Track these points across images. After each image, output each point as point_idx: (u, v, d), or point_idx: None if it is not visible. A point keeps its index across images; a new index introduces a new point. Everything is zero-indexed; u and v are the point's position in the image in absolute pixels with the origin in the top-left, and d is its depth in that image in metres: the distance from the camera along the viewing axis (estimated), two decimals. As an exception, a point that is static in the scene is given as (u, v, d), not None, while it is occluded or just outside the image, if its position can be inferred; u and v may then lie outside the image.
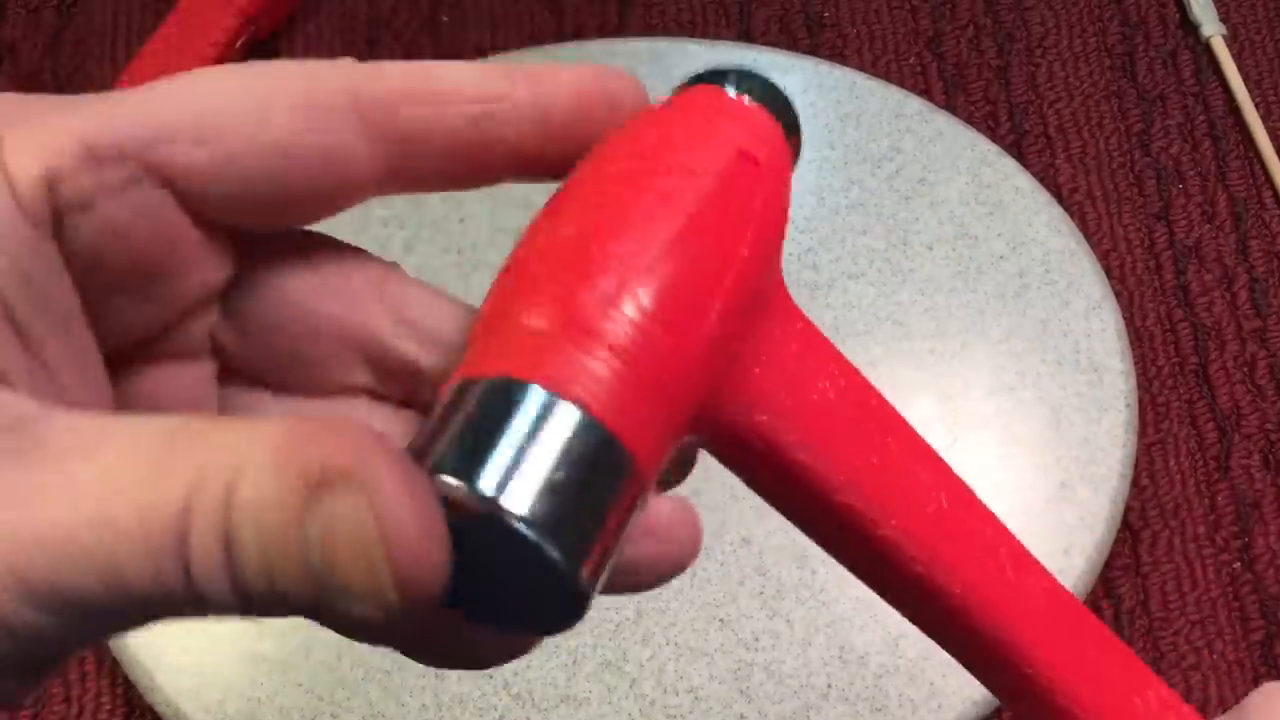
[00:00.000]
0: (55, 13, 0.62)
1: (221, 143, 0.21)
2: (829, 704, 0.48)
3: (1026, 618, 0.26)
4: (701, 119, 0.24)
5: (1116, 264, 0.57)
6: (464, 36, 0.62)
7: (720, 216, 0.23)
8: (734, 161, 0.23)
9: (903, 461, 0.26)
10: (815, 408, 0.25)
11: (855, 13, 0.61)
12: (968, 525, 0.26)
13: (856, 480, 0.25)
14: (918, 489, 0.26)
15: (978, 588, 0.26)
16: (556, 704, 0.48)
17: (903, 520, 0.25)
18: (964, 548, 0.26)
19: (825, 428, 0.25)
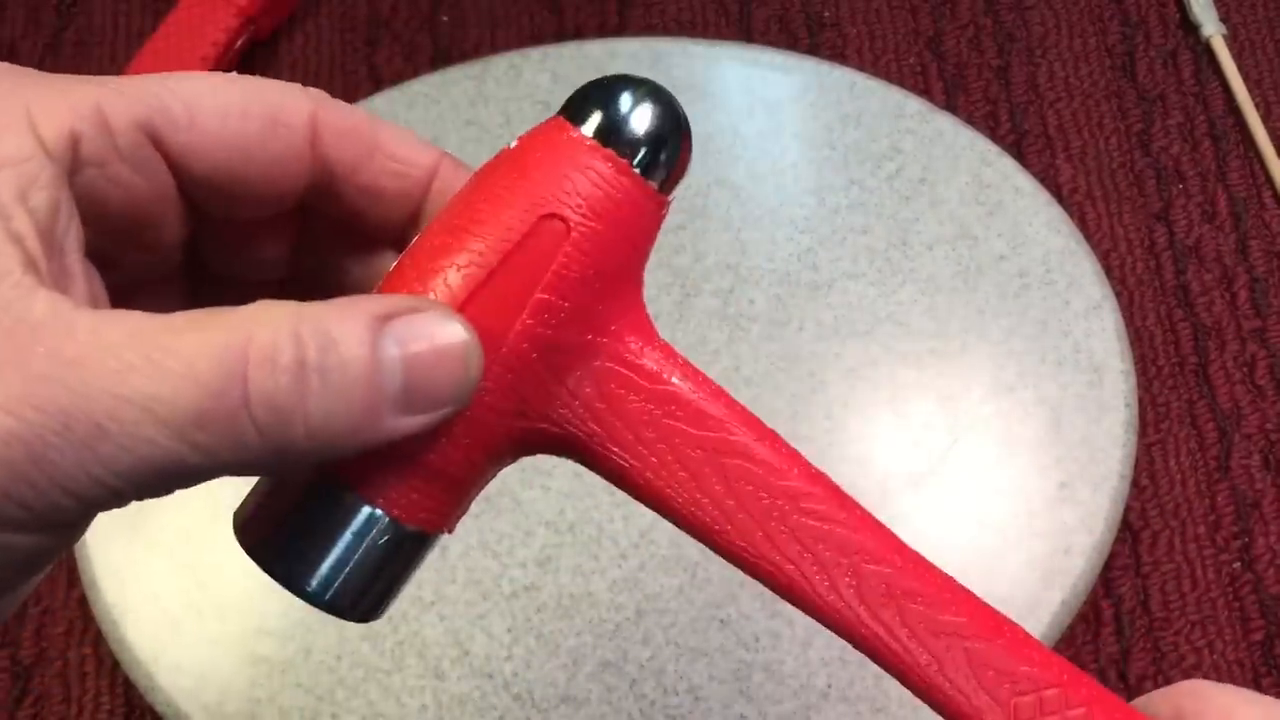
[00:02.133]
0: (55, 12, 0.62)
1: (204, 132, 0.25)
2: (829, 704, 0.48)
3: (865, 614, 0.28)
4: (520, 174, 0.26)
5: (1116, 264, 0.56)
6: (464, 36, 0.62)
7: (503, 289, 0.25)
8: (534, 227, 0.25)
9: (741, 473, 0.27)
10: (641, 423, 0.27)
11: (855, 13, 0.61)
12: (814, 530, 0.28)
13: (690, 496, 0.27)
14: (752, 499, 0.27)
15: (807, 582, 0.28)
16: (557, 704, 0.48)
17: (736, 529, 0.28)
18: (804, 550, 0.28)
19: (651, 445, 0.27)
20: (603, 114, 0.26)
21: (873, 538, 0.28)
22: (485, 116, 0.58)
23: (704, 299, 0.54)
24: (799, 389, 0.52)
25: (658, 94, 0.26)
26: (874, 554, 0.28)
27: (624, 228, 0.25)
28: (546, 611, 0.49)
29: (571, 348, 0.25)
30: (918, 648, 0.27)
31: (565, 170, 0.25)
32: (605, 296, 0.26)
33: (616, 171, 0.25)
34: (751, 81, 0.58)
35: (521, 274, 0.25)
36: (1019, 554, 0.49)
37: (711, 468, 0.26)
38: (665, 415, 0.26)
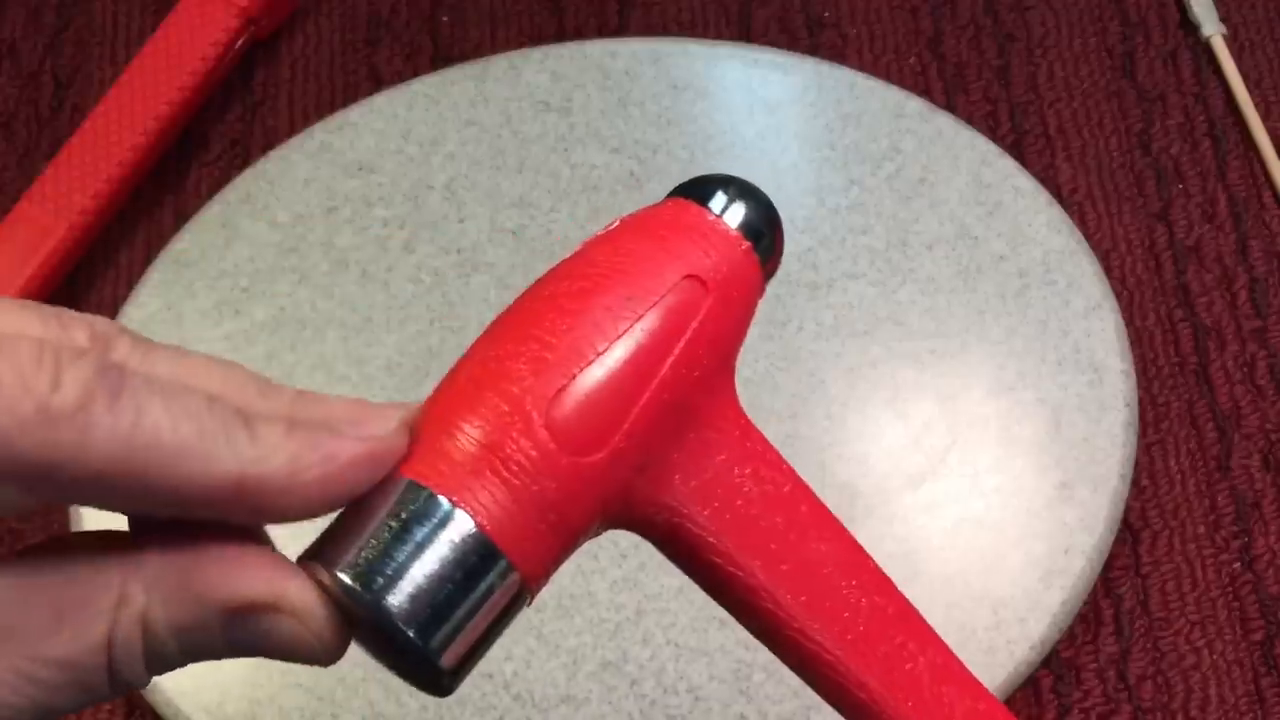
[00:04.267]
0: (55, 12, 0.62)
1: None
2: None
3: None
4: (659, 238, 0.26)
5: (1116, 264, 0.57)
6: (464, 36, 0.62)
7: (647, 341, 0.25)
8: (678, 285, 0.26)
9: (822, 567, 0.27)
10: (736, 513, 0.27)
11: (855, 13, 0.61)
12: (886, 633, 0.28)
13: (771, 582, 0.27)
14: (835, 594, 0.28)
15: (887, 690, 0.28)
16: (557, 704, 0.48)
17: (818, 622, 0.27)
18: (877, 654, 0.28)
19: (743, 533, 0.27)
20: (726, 199, 0.27)
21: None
22: (485, 116, 0.58)
23: (704, 299, 0.54)
24: (798, 389, 0.52)
25: (757, 191, 0.28)
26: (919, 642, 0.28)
27: (746, 304, 0.27)
28: (546, 611, 0.49)
29: (692, 413, 0.26)
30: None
31: (704, 239, 0.26)
32: (720, 371, 0.27)
33: (745, 250, 0.27)
34: (751, 81, 0.58)
35: (667, 324, 0.25)
36: (1019, 554, 0.49)
37: (798, 553, 0.27)
38: (763, 495, 0.27)
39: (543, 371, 0.25)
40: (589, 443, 0.25)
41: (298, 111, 0.60)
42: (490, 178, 0.56)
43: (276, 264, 0.55)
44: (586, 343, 0.25)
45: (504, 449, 0.24)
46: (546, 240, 0.55)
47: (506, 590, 0.25)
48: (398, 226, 0.56)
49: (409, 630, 0.24)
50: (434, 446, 0.25)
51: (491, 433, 0.24)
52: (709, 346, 0.26)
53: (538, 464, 0.24)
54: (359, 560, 0.24)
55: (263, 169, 0.57)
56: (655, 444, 0.26)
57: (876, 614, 0.28)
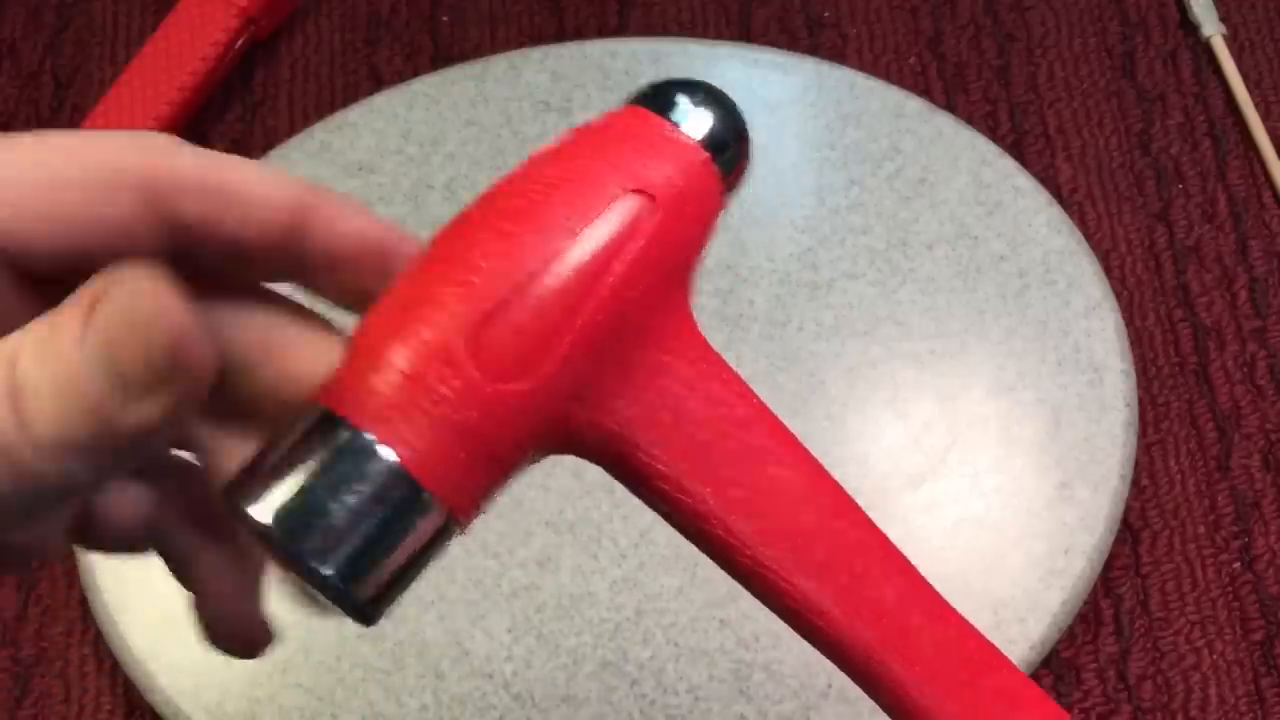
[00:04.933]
0: (55, 12, 0.63)
1: (20, 215, 0.23)
2: (828, 704, 0.48)
3: (903, 648, 0.26)
4: (605, 152, 0.25)
5: (1116, 264, 0.57)
6: (464, 36, 0.62)
7: (582, 264, 0.24)
8: (621, 201, 0.24)
9: (779, 493, 0.27)
10: (685, 438, 0.26)
11: (855, 13, 0.61)
12: (847, 560, 0.27)
13: (722, 509, 0.26)
14: (791, 520, 0.27)
15: (849, 618, 0.27)
16: (557, 704, 0.48)
17: (772, 549, 0.26)
18: (838, 582, 0.27)
19: (693, 459, 0.26)
20: (687, 107, 0.26)
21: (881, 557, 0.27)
22: (485, 116, 0.58)
23: (704, 299, 0.54)
24: (799, 389, 0.52)
25: (724, 98, 0.27)
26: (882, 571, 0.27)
27: (703, 220, 0.26)
28: (546, 611, 0.49)
29: (637, 334, 0.25)
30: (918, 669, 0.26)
31: (656, 151, 0.25)
32: (672, 289, 0.26)
33: (703, 162, 0.26)
34: (751, 82, 0.58)
35: (606, 245, 0.24)
36: (1019, 554, 0.49)
37: (751, 478, 0.26)
38: (716, 419, 0.26)
39: (469, 298, 0.24)
40: (516, 370, 0.24)
41: (298, 111, 0.60)
42: (490, 178, 0.56)
43: (276, 264, 0.55)
44: (517, 267, 0.24)
45: (426, 379, 0.23)
46: (546, 240, 0.55)
47: (429, 524, 0.24)
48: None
49: (321, 566, 0.23)
50: (357, 376, 0.24)
51: (415, 362, 0.23)
52: (656, 266, 0.25)
53: (461, 394, 0.23)
54: (275, 497, 0.23)
55: (263, 169, 0.57)
56: (593, 369, 0.25)
57: (838, 540, 0.27)
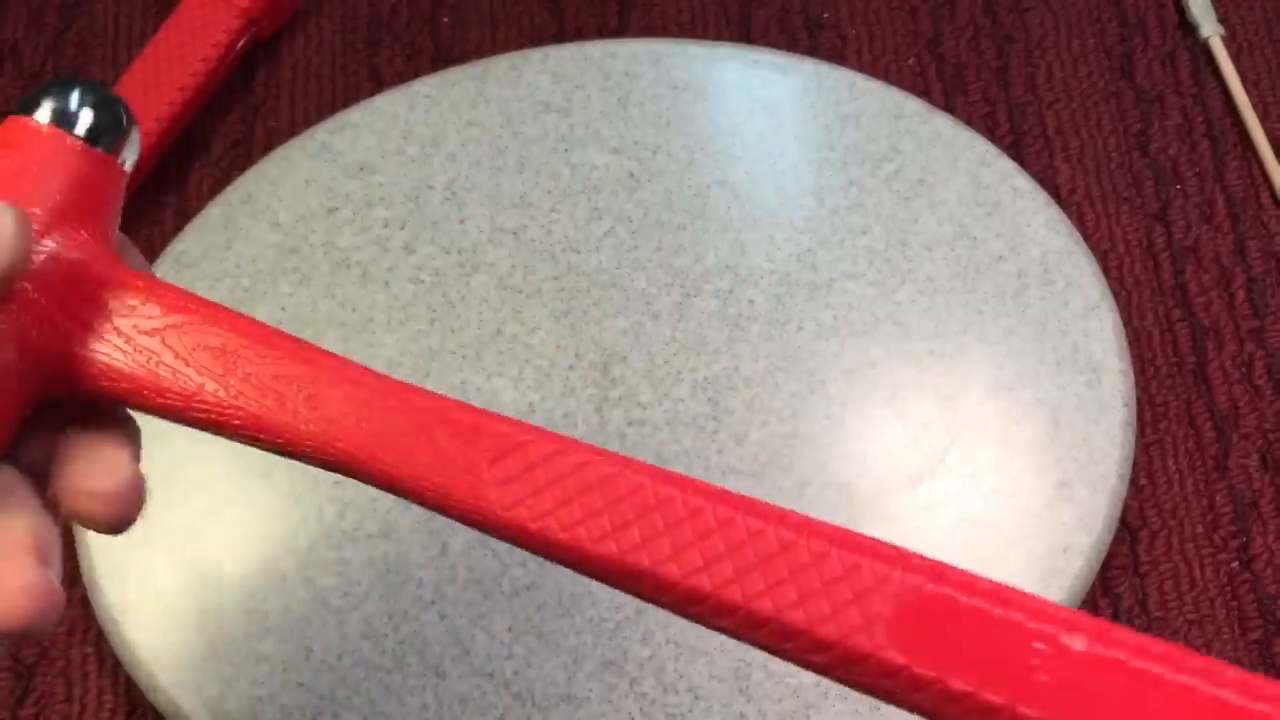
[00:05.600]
0: (57, 14, 0.63)
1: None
2: (828, 703, 0.48)
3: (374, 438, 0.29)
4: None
5: (1115, 264, 0.57)
6: (465, 37, 0.62)
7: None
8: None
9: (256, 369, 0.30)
10: (154, 359, 0.30)
11: (855, 14, 0.62)
12: (350, 411, 0.30)
13: (229, 398, 0.30)
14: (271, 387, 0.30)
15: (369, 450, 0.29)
16: (557, 703, 0.48)
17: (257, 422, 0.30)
18: (343, 427, 0.30)
19: (157, 370, 0.30)
20: (37, 100, 0.31)
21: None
22: (486, 117, 0.58)
23: (704, 299, 0.54)
24: (798, 389, 0.52)
25: (74, 83, 0.32)
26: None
27: (54, 177, 0.30)
28: (547, 610, 0.49)
29: (25, 277, 0.29)
30: None
31: (3, 142, 0.31)
32: (52, 231, 0.30)
33: (44, 131, 0.31)
34: (751, 82, 0.58)
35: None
36: (1017, 554, 0.49)
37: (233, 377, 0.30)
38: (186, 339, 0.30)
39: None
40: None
41: (299, 112, 0.60)
42: (491, 178, 0.57)
43: (278, 264, 0.55)
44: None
45: None
46: (547, 240, 0.55)
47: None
48: (398, 227, 0.56)
49: None
50: None
51: None
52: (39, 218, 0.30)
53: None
54: None
55: (264, 170, 0.57)
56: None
57: (318, 398, 0.30)
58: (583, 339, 0.53)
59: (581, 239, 0.55)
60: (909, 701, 0.25)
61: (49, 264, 0.29)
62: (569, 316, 0.54)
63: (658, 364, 0.53)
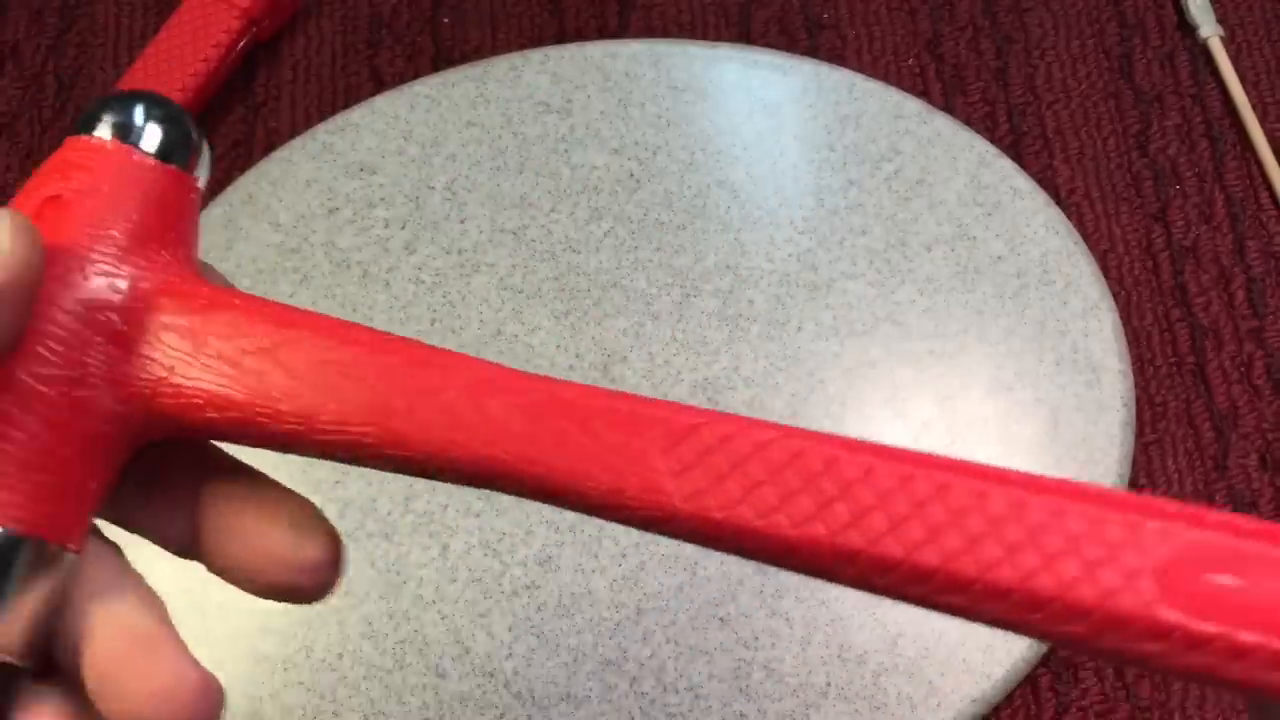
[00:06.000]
0: (58, 14, 0.63)
1: None
2: (828, 702, 0.48)
3: (500, 439, 0.26)
4: (31, 183, 0.27)
5: (1114, 264, 0.57)
6: (465, 37, 0.62)
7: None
8: (40, 207, 0.26)
9: (332, 373, 0.27)
10: (227, 371, 0.27)
11: (854, 14, 0.62)
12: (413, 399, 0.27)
13: (294, 411, 0.26)
14: (333, 399, 0.27)
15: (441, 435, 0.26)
16: (557, 702, 0.48)
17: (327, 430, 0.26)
18: (410, 417, 0.26)
19: (242, 381, 0.27)
20: (95, 119, 0.28)
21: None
22: (486, 117, 0.58)
23: (704, 299, 0.54)
24: (798, 389, 0.52)
25: (129, 96, 0.29)
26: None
27: (125, 191, 0.27)
28: (547, 610, 0.49)
29: (109, 305, 0.26)
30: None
31: (66, 162, 0.28)
32: (132, 255, 0.27)
33: (114, 149, 0.28)
34: (751, 83, 0.58)
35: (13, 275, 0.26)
36: (1017, 553, 0.49)
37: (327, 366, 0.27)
38: (236, 344, 0.27)
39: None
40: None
41: (299, 113, 0.61)
42: (491, 178, 0.57)
43: (278, 264, 0.55)
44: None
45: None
46: (547, 241, 0.55)
47: (17, 562, 0.25)
48: (399, 227, 0.56)
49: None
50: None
51: None
52: (86, 246, 0.26)
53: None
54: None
55: (265, 170, 0.57)
56: (78, 350, 0.26)
57: (381, 386, 0.26)
58: (583, 339, 0.54)
59: (581, 239, 0.55)
60: (1182, 664, 0.23)
61: (134, 292, 0.26)
62: (569, 316, 0.54)
63: (658, 364, 0.53)
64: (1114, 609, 0.23)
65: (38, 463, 0.25)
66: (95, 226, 0.26)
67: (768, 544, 0.24)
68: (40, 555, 0.25)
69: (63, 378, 0.25)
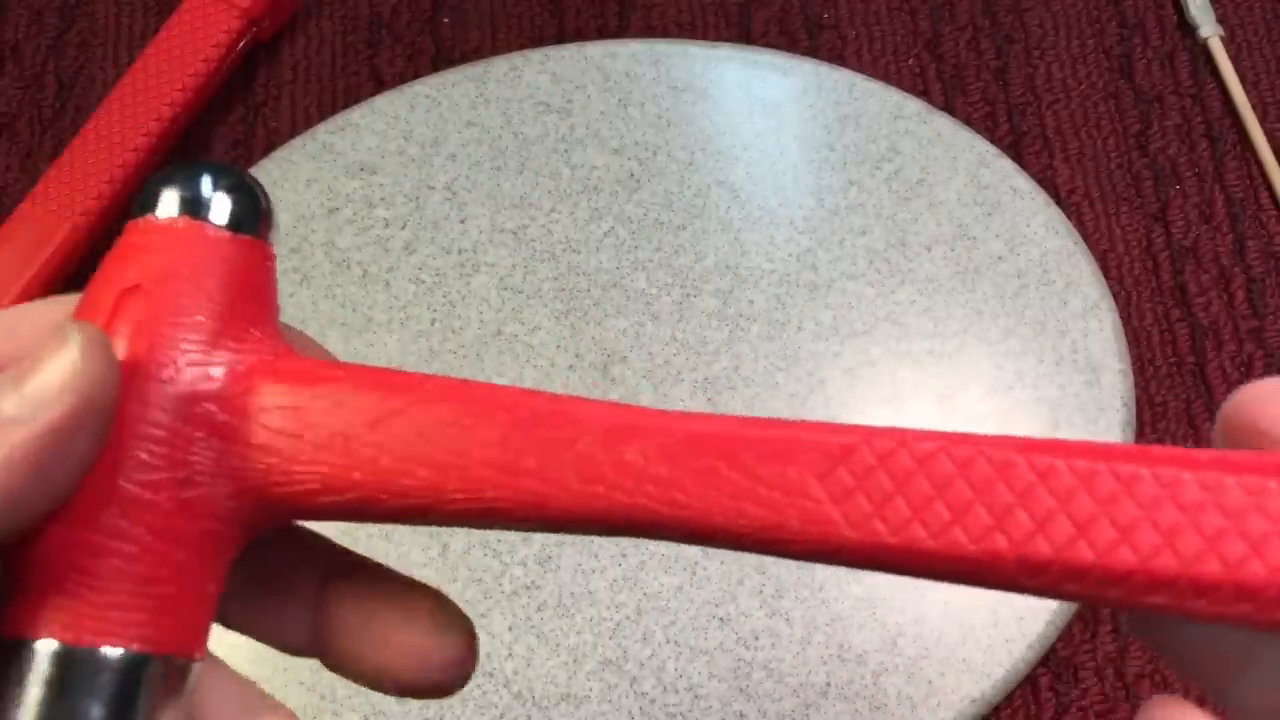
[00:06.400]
0: (58, 14, 0.63)
1: None
2: (828, 702, 0.48)
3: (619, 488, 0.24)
4: (101, 275, 0.26)
5: (1114, 264, 0.57)
6: (465, 38, 0.62)
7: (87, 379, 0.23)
8: (118, 300, 0.25)
9: (442, 433, 0.25)
10: (338, 447, 0.25)
11: (854, 14, 0.62)
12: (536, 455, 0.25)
13: (409, 488, 0.25)
14: (459, 456, 0.25)
15: (546, 492, 0.24)
16: (557, 702, 0.48)
17: (465, 492, 0.25)
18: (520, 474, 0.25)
19: (350, 462, 0.25)
20: (155, 198, 0.26)
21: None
22: (486, 117, 0.58)
23: (704, 299, 0.54)
24: (798, 389, 0.52)
25: (185, 168, 0.27)
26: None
27: (203, 272, 0.26)
28: (547, 610, 0.49)
29: (206, 396, 0.24)
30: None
31: (134, 248, 0.26)
32: (222, 338, 0.25)
33: (183, 227, 0.26)
34: (751, 83, 0.58)
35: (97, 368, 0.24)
36: (1017, 553, 0.49)
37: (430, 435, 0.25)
38: (342, 413, 0.25)
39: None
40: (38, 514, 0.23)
41: (299, 113, 0.61)
42: (491, 178, 0.57)
43: (279, 264, 0.55)
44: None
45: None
46: (547, 241, 0.55)
47: (145, 682, 0.24)
48: (399, 227, 0.56)
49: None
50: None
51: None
52: (170, 331, 0.25)
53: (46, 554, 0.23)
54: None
55: (265, 170, 0.57)
56: (177, 449, 0.24)
57: (513, 446, 0.25)
58: (583, 339, 0.54)
59: (581, 239, 0.55)
60: None
61: (230, 378, 0.25)
62: (569, 316, 0.54)
63: (658, 364, 0.53)
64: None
65: (154, 575, 0.24)
66: (179, 314, 0.25)
67: (946, 563, 0.23)
68: (168, 671, 0.24)
69: (168, 481, 0.24)
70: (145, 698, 0.23)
